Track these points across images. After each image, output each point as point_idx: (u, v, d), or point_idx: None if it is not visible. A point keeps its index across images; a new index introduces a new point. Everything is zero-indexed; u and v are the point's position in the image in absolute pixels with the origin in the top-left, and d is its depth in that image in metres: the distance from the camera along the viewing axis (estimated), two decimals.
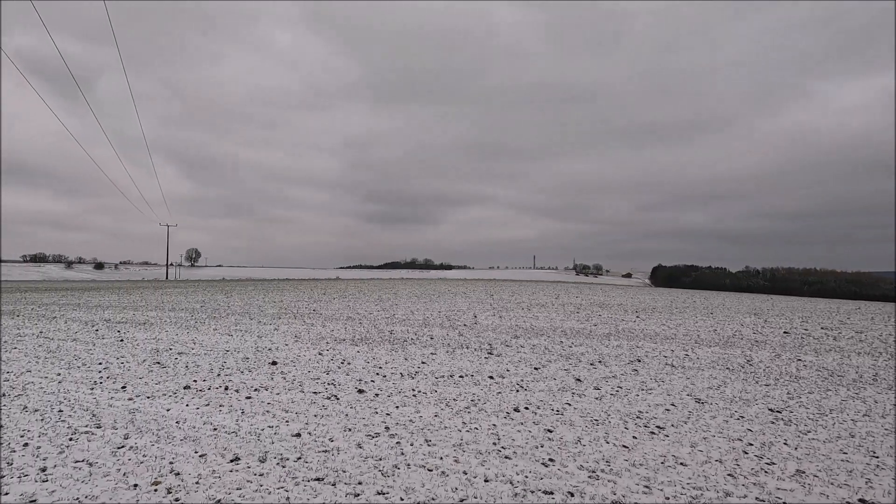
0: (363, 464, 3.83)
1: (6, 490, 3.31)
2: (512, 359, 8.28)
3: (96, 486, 3.39)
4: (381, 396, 5.79)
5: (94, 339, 9.93)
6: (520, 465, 3.86)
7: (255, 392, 5.89)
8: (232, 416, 4.95)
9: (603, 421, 5.02)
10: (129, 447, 4.10)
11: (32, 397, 5.57)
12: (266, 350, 8.72)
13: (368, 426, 4.71)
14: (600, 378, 6.98)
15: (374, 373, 7.04)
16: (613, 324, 14.02)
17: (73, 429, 4.53)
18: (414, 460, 3.91)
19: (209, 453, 3.99)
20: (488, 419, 4.99)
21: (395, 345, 9.53)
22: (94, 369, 7.06)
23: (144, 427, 4.60)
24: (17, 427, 4.57)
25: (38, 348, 8.76)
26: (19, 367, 7.12)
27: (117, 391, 5.88)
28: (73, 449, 4.05)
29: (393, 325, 12.64)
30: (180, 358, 7.93)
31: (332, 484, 3.48)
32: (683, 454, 4.16)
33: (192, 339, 9.88)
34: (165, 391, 5.89)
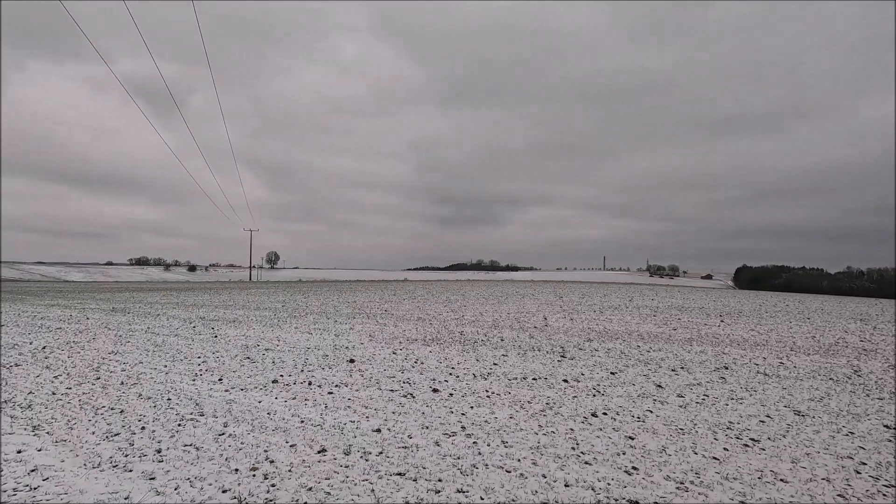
0: (442, 461, 3.91)
1: (131, 466, 3.73)
2: (586, 363, 8.05)
3: (203, 469, 3.72)
4: (455, 396, 5.86)
5: (193, 335, 10.89)
6: (601, 472, 3.75)
7: (336, 388, 6.19)
8: (316, 410, 5.23)
9: (689, 430, 4.76)
10: (228, 434, 4.46)
11: (145, 386, 6.21)
12: (343, 348, 9.11)
13: (445, 425, 4.79)
14: (683, 385, 6.61)
15: (447, 373, 7.13)
16: (695, 328, 13.21)
17: (180, 416, 5.00)
18: (492, 461, 3.93)
19: (298, 444, 4.24)
20: (565, 423, 4.90)
21: (465, 346, 9.60)
22: (194, 362, 7.75)
23: (240, 417, 4.98)
24: (135, 412, 5.12)
25: (147, 342, 9.75)
26: (133, 359, 7.97)
27: (215, 383, 6.41)
28: (182, 434, 4.48)
29: (463, 327, 12.74)
30: (267, 354, 8.49)
31: (413, 479, 3.58)
32: (783, 470, 3.85)
33: (277, 337, 10.55)
34: (256, 384, 6.34)
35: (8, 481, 3.42)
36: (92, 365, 7.49)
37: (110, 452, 4.00)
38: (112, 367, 7.30)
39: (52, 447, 4.10)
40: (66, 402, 5.45)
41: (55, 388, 6.09)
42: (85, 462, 3.80)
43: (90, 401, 5.53)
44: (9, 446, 4.08)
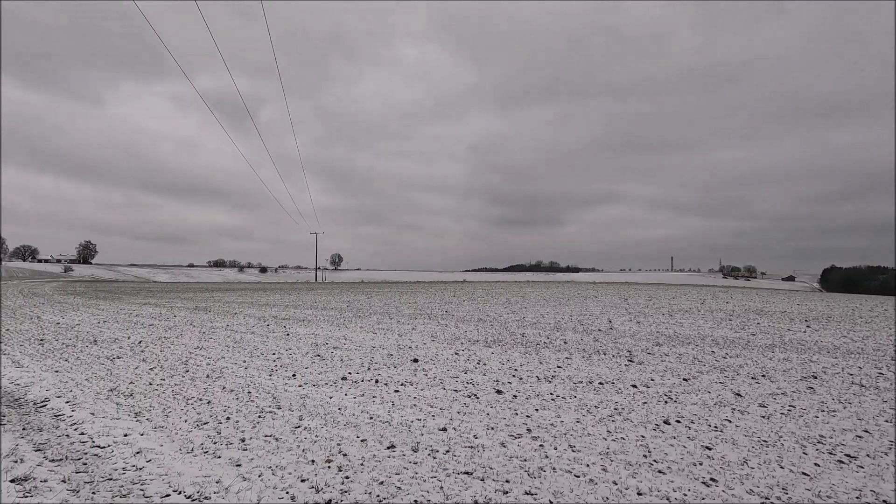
0: (508, 463, 3.91)
1: (219, 452, 4.04)
2: (656, 368, 7.73)
3: (283, 459, 3.95)
4: (519, 398, 5.83)
5: (267, 332, 11.56)
6: (676, 482, 3.60)
7: (401, 386, 6.35)
8: (384, 407, 5.40)
9: (773, 443, 4.45)
10: (303, 427, 4.71)
11: (228, 379, 6.68)
12: (407, 348, 9.32)
13: (510, 426, 4.78)
14: (766, 394, 6.18)
15: (511, 375, 7.11)
16: (777, 334, 12.27)
17: (260, 408, 5.34)
18: (559, 464, 3.88)
19: (369, 439, 4.40)
20: (635, 430, 4.74)
21: (528, 348, 9.51)
22: (270, 359, 8.23)
23: (314, 411, 5.24)
24: (220, 403, 5.52)
25: (227, 339, 10.47)
26: (216, 354, 8.60)
27: (289, 378, 6.78)
28: (262, 425, 4.78)
29: (524, 329, 12.62)
30: (335, 352, 8.86)
31: (480, 479, 3.61)
32: (887, 491, 3.51)
33: (343, 336, 10.97)
34: (327, 381, 6.64)
35: (118, 461, 3.82)
36: (181, 359, 8.15)
37: (201, 440, 4.35)
38: (198, 362, 7.92)
39: (151, 432, 4.53)
40: (161, 393, 5.98)
41: (151, 379, 6.70)
42: (180, 447, 4.16)
43: (181, 392, 6.03)
44: (116, 430, 4.55)
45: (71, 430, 4.52)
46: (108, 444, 4.18)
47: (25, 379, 6.60)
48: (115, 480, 3.47)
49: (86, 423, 4.72)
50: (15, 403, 5.44)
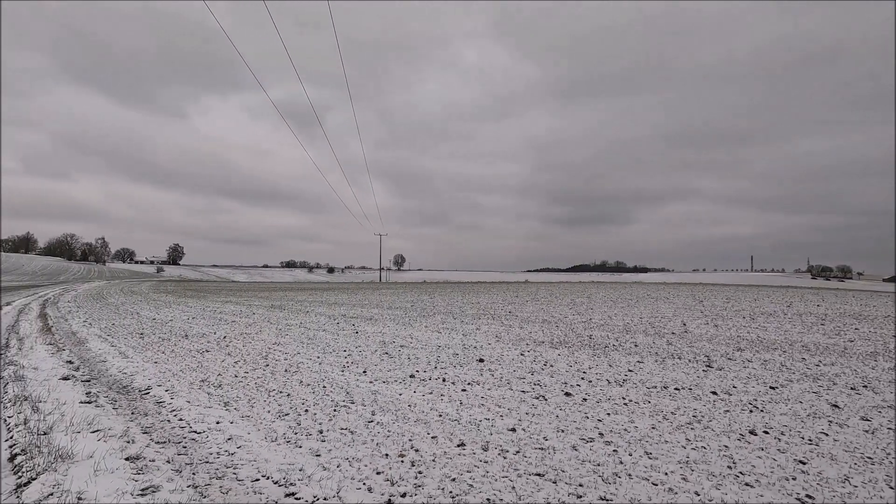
0: (581, 467, 3.83)
1: (300, 442, 4.28)
2: (738, 374, 7.25)
3: (358, 451, 4.12)
4: (589, 402, 5.69)
5: (337, 330, 12.06)
6: (766, 496, 3.37)
7: (468, 386, 6.40)
8: (452, 406, 5.47)
9: (880, 460, 4.04)
10: (376, 422, 4.88)
11: (304, 374, 7.05)
12: (472, 348, 9.37)
13: (581, 430, 4.69)
14: (868, 407, 5.61)
15: (579, 377, 6.95)
16: (880, 340, 11.09)
17: (335, 402, 5.59)
18: (635, 471, 3.75)
19: (439, 436, 4.49)
20: (717, 439, 4.48)
21: (596, 350, 9.25)
22: (341, 355, 8.58)
23: (385, 407, 5.42)
24: (299, 396, 5.84)
25: (301, 336, 11.04)
26: (292, 350, 9.10)
27: (360, 375, 7.04)
28: (338, 418, 5.01)
29: (591, 330, 12.27)
30: (402, 350, 9.08)
31: (552, 481, 3.57)
32: None
33: (409, 335, 11.21)
34: (396, 378, 6.83)
35: (212, 446, 4.16)
36: (261, 353, 8.71)
37: (283, 430, 4.63)
38: (277, 356, 8.41)
39: (239, 421, 4.88)
40: (246, 384, 6.42)
41: (236, 371, 7.21)
42: (265, 436, 4.46)
43: (263, 384, 6.44)
44: (209, 418, 4.95)
45: (171, 416, 4.98)
46: (203, 430, 4.56)
47: (130, 369, 7.33)
48: (211, 463, 3.78)
49: (183, 411, 5.17)
50: (123, 390, 6.07)
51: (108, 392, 5.87)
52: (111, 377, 6.81)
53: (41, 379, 6.20)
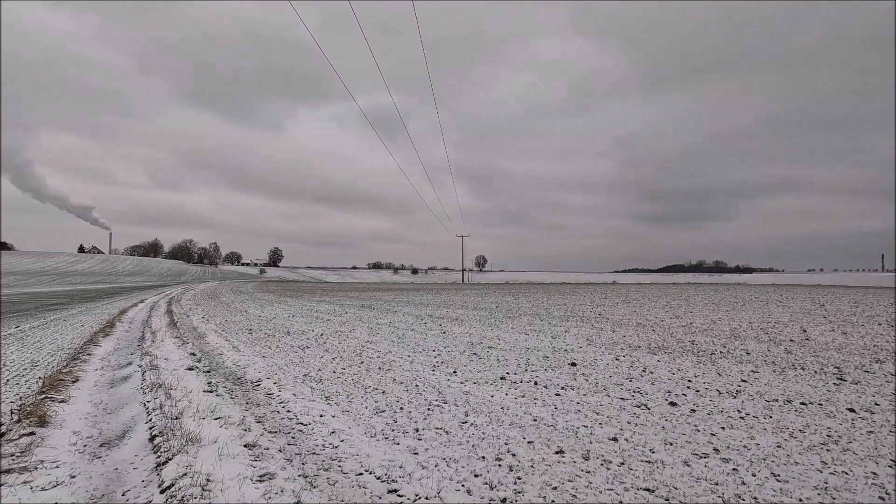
0: (696, 485, 3.51)
1: (398, 440, 4.37)
2: (880, 390, 6.29)
3: (454, 452, 4.11)
4: (699, 413, 5.24)
5: (425, 330, 12.29)
6: None
7: (562, 390, 6.18)
8: (546, 410, 5.30)
9: None
10: (470, 424, 4.85)
11: (397, 372, 7.24)
12: (562, 351, 9.07)
13: (692, 444, 4.31)
14: None
15: (684, 386, 6.43)
16: None
17: (428, 401, 5.66)
18: (761, 494, 3.36)
19: (535, 441, 4.36)
20: (862, 464, 3.89)
21: (700, 357, 8.53)
22: (431, 355, 8.71)
23: (477, 408, 5.38)
24: (393, 394, 6.00)
25: (391, 335, 11.39)
26: (384, 348, 9.40)
27: (450, 375, 7.09)
28: (432, 418, 5.05)
29: (692, 335, 11.37)
30: (490, 351, 9.02)
31: (664, 499, 3.30)
32: None
33: (496, 336, 11.13)
34: (486, 379, 6.78)
35: (317, 439, 4.37)
36: (356, 351, 9.09)
37: (381, 426, 4.76)
38: (370, 354, 8.74)
39: (340, 415, 5.10)
40: (344, 380, 6.72)
41: (334, 367, 7.58)
42: (365, 431, 4.61)
43: (359, 380, 6.70)
44: (313, 411, 5.23)
45: (280, 408, 5.33)
46: (308, 422, 4.82)
47: (242, 362, 8.00)
48: (317, 455, 3.97)
49: (290, 403, 5.52)
50: (238, 382, 6.62)
51: (226, 382, 6.44)
52: (227, 369, 7.47)
53: (171, 368, 6.95)
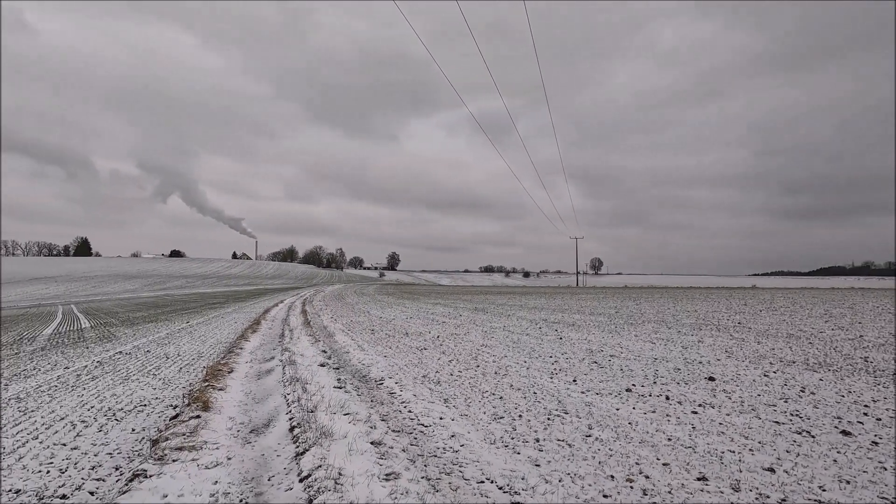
0: None
1: (518, 449, 4.24)
2: None
3: (579, 467, 3.87)
4: (882, 446, 4.32)
5: (540, 335, 11.97)
6: None
7: (699, 408, 5.54)
8: (682, 430, 4.78)
9: None
10: (595, 438, 4.55)
11: (513, 378, 7.10)
12: (696, 363, 8.19)
13: (877, 484, 3.55)
14: None
15: (859, 412, 5.39)
16: None
17: (547, 410, 5.45)
18: None
19: (672, 464, 3.93)
20: None
21: (878, 378, 7.11)
22: (548, 361, 8.42)
23: (602, 422, 5.04)
24: (511, 400, 5.88)
25: (506, 339, 11.28)
26: (499, 353, 9.32)
27: (570, 383, 6.76)
28: (553, 428, 4.84)
29: (865, 351, 9.56)
30: (613, 360, 8.46)
31: None
32: None
33: (618, 343, 10.44)
34: (610, 390, 6.35)
35: (438, 441, 4.42)
36: (471, 354, 9.14)
37: (500, 433, 4.67)
38: (486, 358, 8.71)
39: (459, 419, 5.12)
40: (461, 383, 6.76)
41: (451, 370, 7.68)
42: (484, 437, 4.56)
43: (476, 385, 6.70)
44: (433, 412, 5.32)
45: (402, 408, 5.51)
46: (429, 423, 4.91)
47: (367, 361, 8.48)
48: (439, 458, 4.01)
49: (411, 403, 5.69)
50: (363, 380, 7.01)
51: (353, 380, 6.85)
52: (353, 367, 7.96)
53: (306, 364, 7.60)
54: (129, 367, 8.62)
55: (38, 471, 4.01)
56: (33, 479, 3.85)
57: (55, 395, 6.54)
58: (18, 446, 4.59)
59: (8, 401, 6.31)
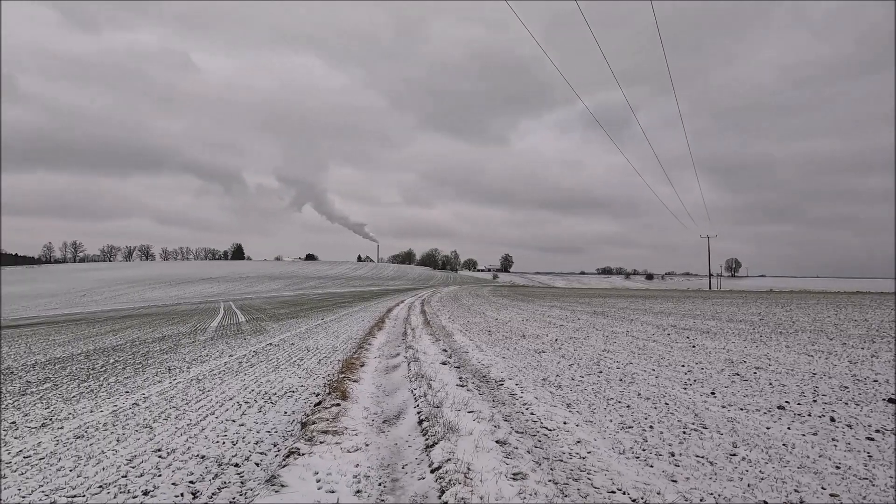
0: None
1: (650, 461, 4.00)
2: None
3: (724, 488, 3.53)
4: None
5: (669, 342, 11.10)
6: None
7: (877, 434, 4.71)
8: (855, 458, 4.11)
9: None
10: (741, 458, 4.11)
11: (641, 386, 6.69)
12: (870, 381, 6.96)
13: None
14: None
15: None
16: None
17: (682, 423, 5.05)
18: None
19: (842, 495, 3.40)
20: None
21: None
22: (679, 370, 7.79)
23: (749, 441, 4.53)
24: (639, 410, 5.55)
25: (630, 345, 10.65)
26: (623, 359, 8.84)
27: (707, 396, 6.18)
28: (689, 443, 4.47)
29: None
30: (759, 373, 7.55)
31: None
32: None
33: (765, 355, 9.27)
34: (757, 406, 5.68)
35: (563, 446, 4.35)
36: (593, 359, 8.80)
37: (629, 443, 4.45)
38: (608, 364, 8.33)
39: (584, 425, 4.97)
40: (583, 389, 6.55)
41: (572, 374, 7.48)
42: (612, 446, 4.37)
43: (600, 391, 6.44)
44: (556, 416, 5.24)
45: (523, 409, 5.51)
46: (553, 427, 4.85)
47: (486, 361, 8.61)
48: (565, 462, 3.94)
49: (533, 406, 5.66)
50: (483, 379, 7.14)
51: (473, 379, 7.01)
52: (473, 366, 8.14)
53: (429, 362, 7.95)
54: (279, 357, 9.78)
55: (216, 441, 4.75)
56: (213, 448, 4.57)
57: (224, 379, 7.67)
58: (201, 419, 5.48)
59: (190, 381, 7.55)
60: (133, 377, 7.98)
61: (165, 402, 6.23)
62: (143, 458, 4.30)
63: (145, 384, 7.39)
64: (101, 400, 6.48)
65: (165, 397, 6.52)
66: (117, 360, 9.83)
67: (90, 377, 8.11)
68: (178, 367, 8.86)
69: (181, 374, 8.08)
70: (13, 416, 5.84)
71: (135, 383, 7.49)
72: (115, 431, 5.08)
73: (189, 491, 3.62)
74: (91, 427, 5.26)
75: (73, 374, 8.43)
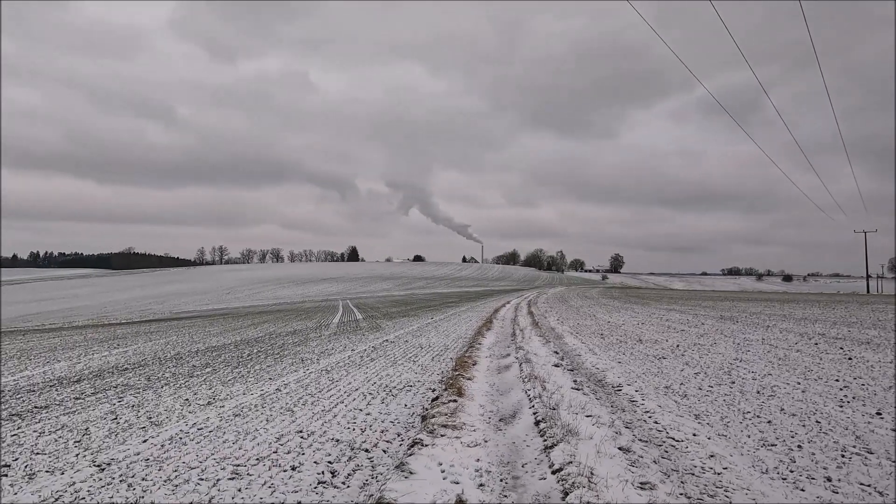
0: None
1: (801, 485, 3.58)
2: None
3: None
4: None
5: (817, 352, 9.74)
6: None
7: None
8: None
9: None
10: None
11: (783, 400, 5.98)
12: None
13: None
14: None
15: None
16: None
17: (840, 446, 4.42)
18: None
19: None
20: None
21: None
22: (832, 385, 6.82)
23: None
24: (784, 427, 4.97)
25: (767, 354, 9.54)
26: (759, 369, 7.95)
27: (872, 416, 5.33)
28: (851, 468, 3.91)
29: None
30: None
31: None
32: None
33: None
34: None
35: (694, 459, 4.06)
36: (722, 368, 8.05)
37: (773, 462, 4.02)
38: (742, 374, 7.56)
39: (716, 438, 4.59)
40: (713, 399, 6.04)
41: (699, 383, 6.92)
42: (751, 463, 3.99)
43: (733, 403, 5.88)
44: (684, 427, 4.90)
45: (646, 417, 5.24)
46: (681, 438, 4.55)
47: (600, 365, 8.30)
48: (697, 477, 3.69)
49: (656, 414, 5.36)
50: (599, 384, 6.90)
51: (588, 383, 6.81)
52: (587, 370, 7.90)
53: (541, 363, 7.88)
54: (395, 353, 10.37)
55: (347, 427, 5.20)
56: (345, 433, 5.01)
57: (349, 371, 8.34)
58: (332, 406, 6.03)
59: (321, 372, 8.32)
60: (273, 366, 9.01)
61: (302, 390, 6.95)
62: (288, 437, 4.86)
63: (284, 372, 8.30)
64: (250, 384, 7.41)
65: (301, 385, 7.27)
66: (259, 351, 11.15)
67: (240, 364, 9.31)
68: (309, 358, 9.82)
69: (312, 365, 8.94)
70: (185, 394, 6.93)
71: (275, 371, 8.45)
72: (264, 412, 5.80)
73: (328, 470, 4.02)
74: (245, 407, 6.06)
75: (227, 361, 9.74)
